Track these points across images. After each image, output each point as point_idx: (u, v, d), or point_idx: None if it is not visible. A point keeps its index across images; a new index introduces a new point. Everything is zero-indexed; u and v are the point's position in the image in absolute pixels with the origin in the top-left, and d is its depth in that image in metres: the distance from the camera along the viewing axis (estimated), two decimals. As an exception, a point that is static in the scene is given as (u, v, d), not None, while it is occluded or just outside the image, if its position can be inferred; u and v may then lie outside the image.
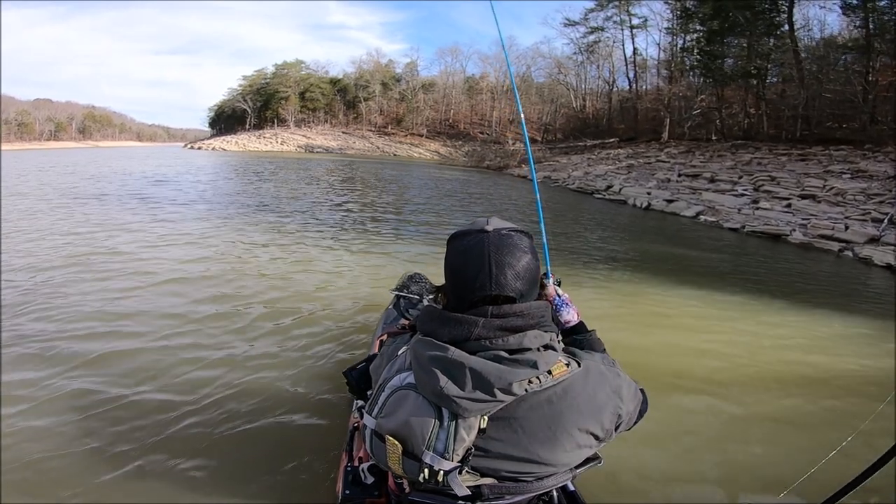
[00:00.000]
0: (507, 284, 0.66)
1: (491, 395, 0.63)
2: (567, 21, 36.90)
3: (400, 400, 0.68)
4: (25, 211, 6.60)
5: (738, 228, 8.73)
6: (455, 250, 0.71)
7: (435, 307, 0.72)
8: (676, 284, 4.48)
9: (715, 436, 2.06)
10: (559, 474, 0.69)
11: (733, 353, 2.92)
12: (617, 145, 26.50)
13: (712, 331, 3.35)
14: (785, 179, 11.18)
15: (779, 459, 1.91)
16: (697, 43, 24.74)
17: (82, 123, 73.46)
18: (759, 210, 9.57)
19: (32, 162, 19.37)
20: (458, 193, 13.38)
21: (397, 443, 0.66)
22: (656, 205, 11.25)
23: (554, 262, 1.86)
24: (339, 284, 3.90)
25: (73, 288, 3.41)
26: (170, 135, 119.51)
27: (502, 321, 0.65)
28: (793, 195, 10.17)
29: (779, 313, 3.83)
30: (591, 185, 15.41)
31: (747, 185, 11.35)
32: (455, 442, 0.64)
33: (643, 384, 0.79)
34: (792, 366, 2.81)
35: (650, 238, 7.76)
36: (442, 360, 0.65)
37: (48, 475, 1.58)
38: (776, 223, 8.71)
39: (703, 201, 10.87)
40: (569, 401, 0.66)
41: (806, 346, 3.16)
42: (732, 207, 9.98)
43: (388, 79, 49.44)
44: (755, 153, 15.81)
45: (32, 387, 2.10)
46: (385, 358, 0.78)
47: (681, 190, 12.34)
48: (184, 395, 2.10)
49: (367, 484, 0.86)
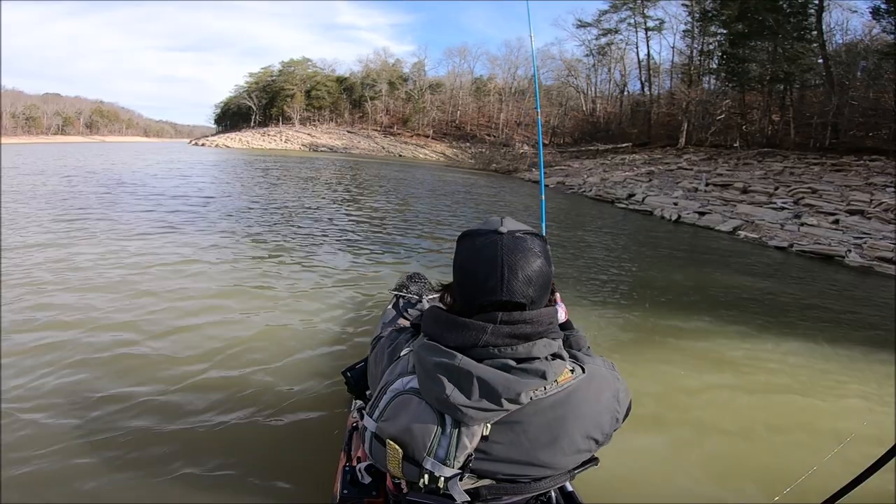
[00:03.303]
0: (518, 290, 0.63)
1: (498, 404, 0.62)
2: (579, 22, 36.18)
3: (402, 405, 0.66)
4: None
5: (786, 247, 7.81)
6: (466, 250, 0.68)
7: (440, 309, 0.70)
8: (758, 331, 3.56)
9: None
10: (557, 476, 0.68)
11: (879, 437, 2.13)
12: (631, 150, 25.63)
13: (831, 397, 2.53)
14: (827, 192, 10.24)
15: (779, 459, 1.89)
16: (720, 46, 23.80)
17: (90, 118, 73.54)
18: (804, 226, 8.64)
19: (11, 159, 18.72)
20: (460, 193, 12.93)
21: (398, 448, 0.64)
22: (687, 217, 10.32)
23: (582, 293, 2.17)
24: (337, 284, 3.86)
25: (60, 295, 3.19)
26: (177, 131, 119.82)
27: (511, 328, 0.63)
28: (839, 210, 9.24)
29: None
30: (610, 193, 14.50)
31: (786, 198, 10.42)
32: (457, 449, 0.63)
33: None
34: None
35: (690, 259, 6.84)
36: (448, 367, 0.63)
37: (46, 475, 1.58)
38: (827, 242, 7.80)
39: (738, 214, 9.94)
40: (572, 406, 0.65)
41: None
42: (774, 222, 9.06)
43: (395, 78, 48.77)
44: (783, 161, 14.89)
45: (30, 386, 2.08)
46: (385, 355, 0.76)
47: (711, 201, 11.41)
48: (181, 394, 2.08)
49: (364, 484, 0.84)
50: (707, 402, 2.41)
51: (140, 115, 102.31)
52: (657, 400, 2.34)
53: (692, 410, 2.31)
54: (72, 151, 24.79)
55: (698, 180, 13.73)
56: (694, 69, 26.67)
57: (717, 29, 24.48)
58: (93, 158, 18.87)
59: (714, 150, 19.67)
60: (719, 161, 16.89)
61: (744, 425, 2.20)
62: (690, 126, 24.07)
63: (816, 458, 1.32)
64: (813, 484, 1.31)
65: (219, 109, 62.19)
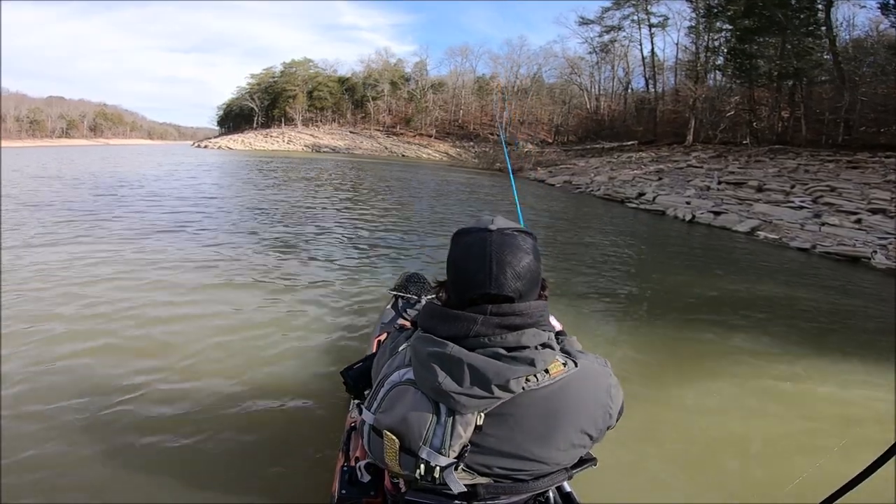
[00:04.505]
0: (506, 284, 0.65)
1: (489, 391, 0.63)
2: (582, 20, 35.81)
3: (399, 395, 0.67)
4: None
5: (809, 249, 7.54)
6: (458, 247, 0.70)
7: (435, 304, 0.72)
8: (813, 349, 3.28)
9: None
10: (554, 474, 0.69)
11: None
12: (637, 148, 25.28)
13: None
14: (847, 190, 9.95)
15: (778, 459, 1.88)
16: (727, 42, 23.42)
17: (94, 121, 73.76)
18: (825, 226, 8.36)
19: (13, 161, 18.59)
20: (463, 193, 12.72)
21: (395, 438, 0.66)
22: (702, 217, 10.04)
23: (604, 307, 2.30)
24: (337, 284, 3.87)
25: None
26: (180, 133, 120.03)
27: (501, 319, 0.65)
28: (860, 209, 8.95)
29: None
30: (619, 192, 14.23)
31: (804, 196, 10.13)
32: (452, 438, 0.64)
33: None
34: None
35: (713, 263, 6.56)
36: (440, 355, 0.65)
37: (45, 475, 1.57)
38: (851, 243, 7.52)
39: (755, 214, 9.67)
40: (565, 400, 0.66)
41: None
42: (793, 222, 8.78)
43: (397, 78, 48.54)
44: (797, 159, 14.56)
45: (28, 384, 2.08)
46: (386, 351, 0.78)
47: (725, 200, 11.13)
48: (179, 394, 2.07)
49: (363, 483, 0.84)
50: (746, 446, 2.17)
51: (143, 118, 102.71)
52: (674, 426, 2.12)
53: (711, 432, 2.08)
54: (79, 155, 24.78)
55: (710, 178, 13.44)
56: (700, 65, 26.28)
57: (722, 25, 24.12)
58: (100, 162, 18.81)
59: (723, 148, 19.32)
60: (729, 158, 16.57)
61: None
62: (698, 123, 23.72)
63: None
64: (812, 484, 1.29)
65: (221, 111, 62.17)
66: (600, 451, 0.73)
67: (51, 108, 66.31)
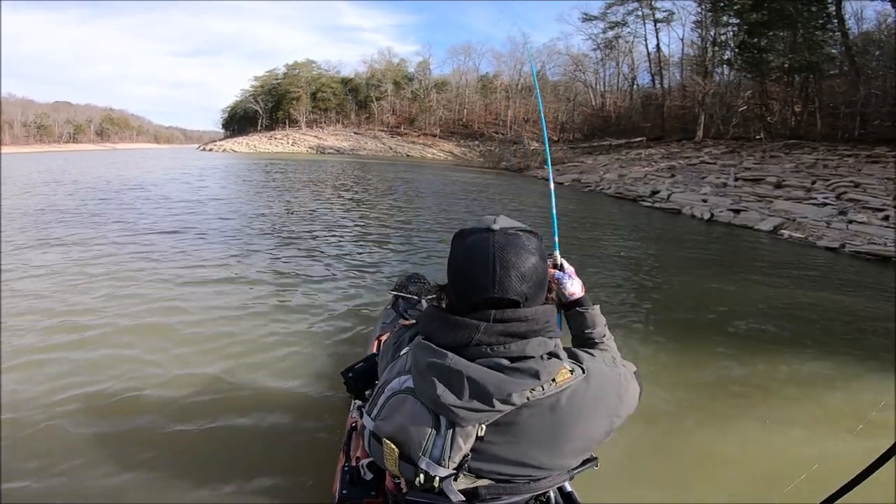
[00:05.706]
0: (511, 287, 0.62)
1: (489, 405, 0.61)
2: (585, 16, 35.46)
3: (398, 404, 0.66)
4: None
5: (837, 248, 7.27)
6: (459, 248, 0.68)
7: (437, 308, 0.70)
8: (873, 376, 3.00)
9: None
10: (556, 476, 0.68)
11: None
12: (645, 144, 24.95)
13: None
14: (871, 186, 9.66)
15: (778, 459, 1.87)
16: (736, 36, 23.02)
17: (100, 126, 74.31)
18: (853, 224, 8.09)
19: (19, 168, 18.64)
20: (471, 192, 12.64)
21: (394, 447, 0.65)
22: (720, 215, 9.78)
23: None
24: (337, 284, 3.86)
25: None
26: (186, 136, 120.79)
27: (505, 326, 0.63)
28: (887, 205, 8.65)
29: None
30: (631, 191, 13.97)
31: (826, 193, 9.84)
32: (451, 449, 0.63)
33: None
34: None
35: (742, 268, 6.29)
36: (440, 367, 0.62)
37: (44, 475, 1.57)
38: (882, 241, 7.25)
39: (777, 212, 9.40)
40: (572, 408, 0.64)
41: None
42: (818, 220, 8.51)
43: (400, 78, 48.39)
44: (813, 153, 14.23)
45: (26, 385, 2.07)
46: (391, 349, 0.77)
47: (743, 197, 10.86)
48: (180, 395, 2.06)
49: (364, 482, 0.84)
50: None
51: (150, 122, 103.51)
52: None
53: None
54: (89, 160, 24.88)
55: (725, 175, 13.15)
56: (708, 60, 25.88)
57: (729, 19, 23.72)
58: (111, 167, 18.80)
59: (735, 143, 18.99)
60: (743, 154, 16.25)
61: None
62: (707, 118, 23.35)
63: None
64: (812, 484, 1.28)
65: (226, 114, 62.43)
66: (601, 450, 0.71)
67: (57, 113, 66.90)
